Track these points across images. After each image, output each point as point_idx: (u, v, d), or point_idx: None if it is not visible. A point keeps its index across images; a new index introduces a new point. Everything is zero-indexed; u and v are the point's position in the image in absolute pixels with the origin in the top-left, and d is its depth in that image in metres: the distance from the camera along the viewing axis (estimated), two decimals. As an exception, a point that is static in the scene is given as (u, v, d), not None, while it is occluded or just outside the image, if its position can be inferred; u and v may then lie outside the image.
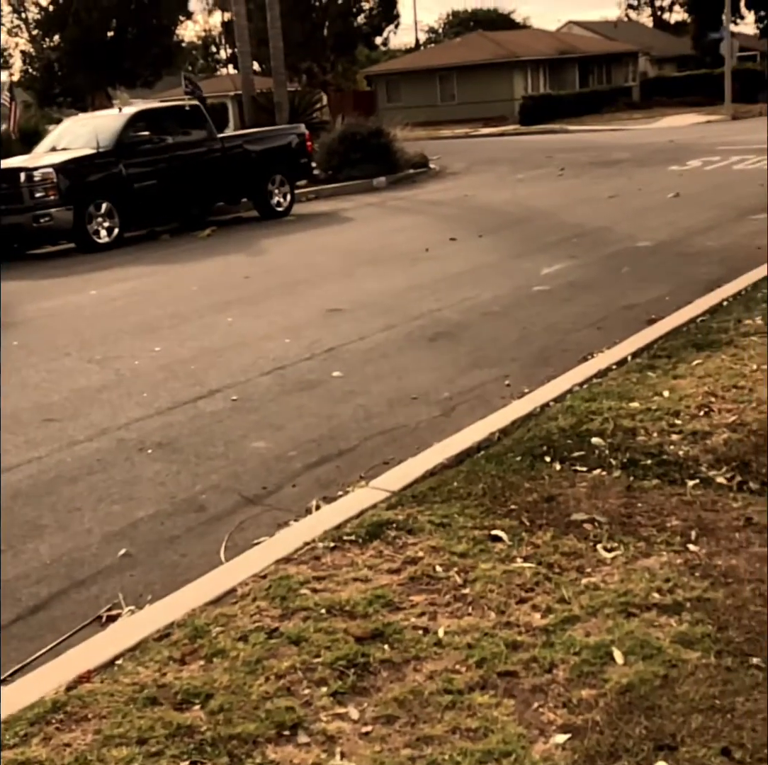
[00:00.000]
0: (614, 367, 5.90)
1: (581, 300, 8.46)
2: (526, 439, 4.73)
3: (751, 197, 14.17)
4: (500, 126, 40.73)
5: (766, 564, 3.31)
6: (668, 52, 59.46)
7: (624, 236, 11.58)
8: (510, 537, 3.67)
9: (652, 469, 4.25)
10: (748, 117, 37.26)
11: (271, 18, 23.55)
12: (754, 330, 6.29)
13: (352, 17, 39.11)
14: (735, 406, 4.81)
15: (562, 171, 20.41)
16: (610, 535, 3.64)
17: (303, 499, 4.57)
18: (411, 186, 20.62)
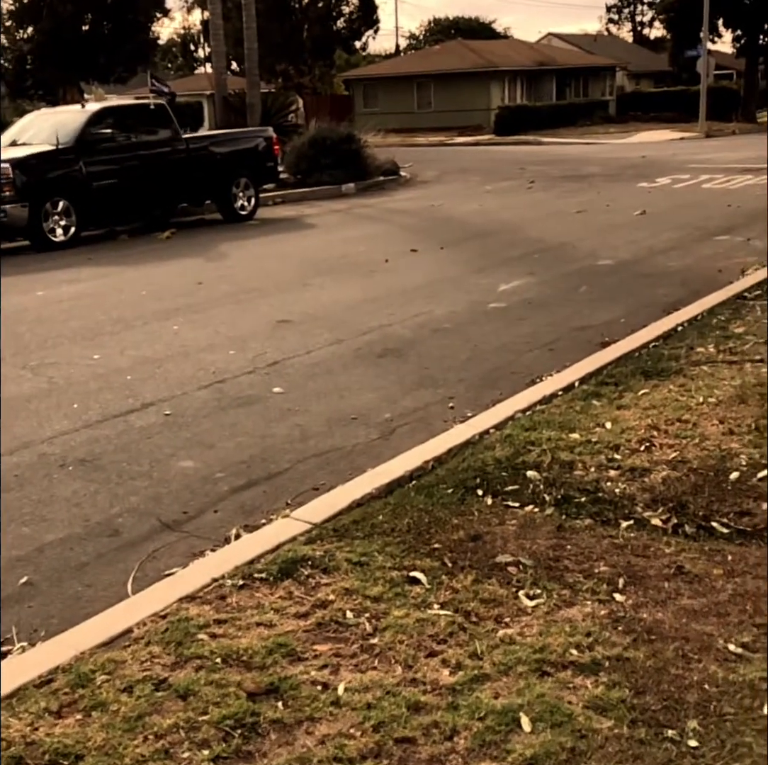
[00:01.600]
0: (560, 393, 5.72)
1: (536, 319, 8.30)
2: (460, 470, 4.54)
3: (717, 217, 14.12)
4: (476, 135, 40.69)
5: (692, 619, 3.13)
6: (646, 68, 59.77)
7: (586, 253, 11.45)
8: (429, 580, 3.47)
9: (586, 507, 4.07)
10: (722, 135, 37.50)
11: (246, 18, 23.29)
12: (705, 358, 6.14)
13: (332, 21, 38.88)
14: (677, 441, 4.64)
15: (531, 184, 20.31)
16: (535, 581, 3.44)
17: (224, 527, 4.35)
18: (380, 193, 20.44)
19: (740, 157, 24.91)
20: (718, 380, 5.55)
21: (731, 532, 3.80)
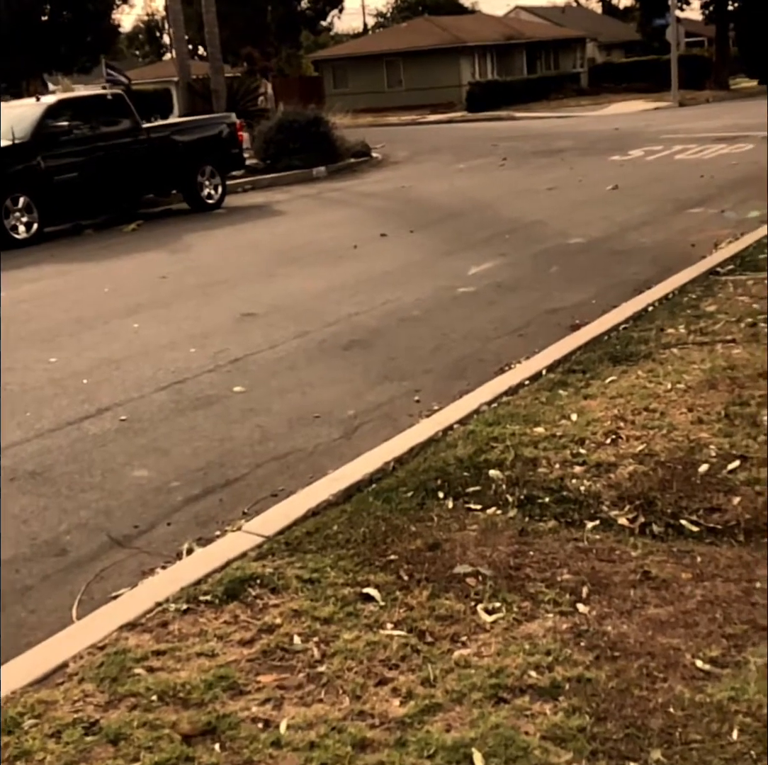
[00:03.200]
0: (527, 382, 5.54)
1: (506, 303, 8.12)
2: (421, 471, 4.36)
3: (690, 189, 13.94)
4: (448, 113, 40.35)
5: (658, 631, 2.97)
6: (616, 38, 59.45)
7: (557, 232, 11.26)
8: (383, 596, 3.29)
9: (550, 507, 3.90)
10: (695, 104, 37.29)
11: (206, 2, 22.88)
12: (675, 340, 5.97)
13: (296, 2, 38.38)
14: (644, 432, 4.47)
15: (504, 161, 20.08)
16: (494, 593, 3.27)
17: (176, 541, 4.17)
18: (351, 176, 20.16)
19: (714, 126, 24.72)
20: (688, 364, 5.38)
21: (701, 530, 3.63)
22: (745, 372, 5.11)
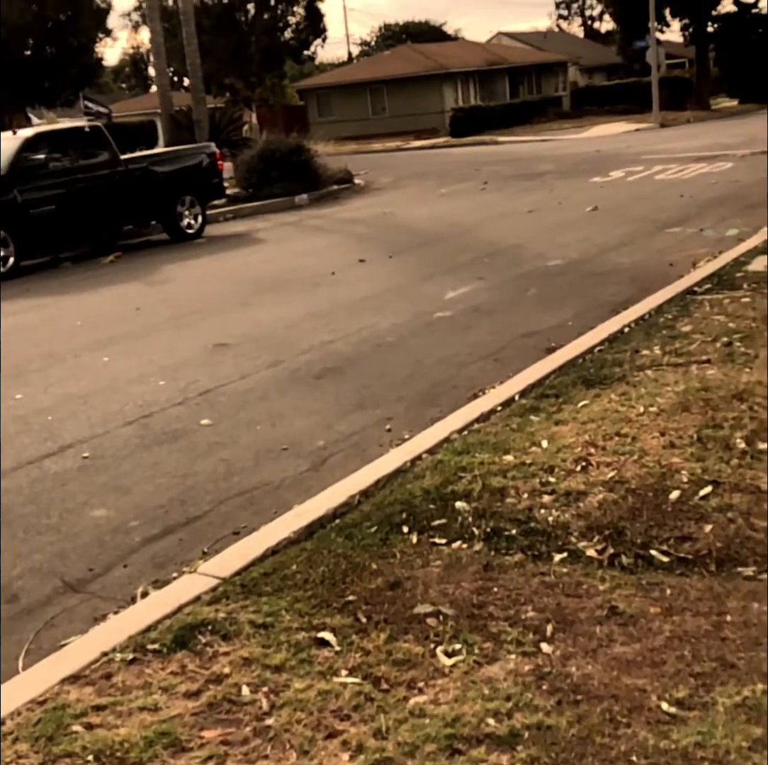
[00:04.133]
0: (499, 408, 5.42)
1: (482, 327, 8.01)
2: (386, 504, 4.22)
3: (670, 209, 13.90)
4: (431, 139, 40.42)
5: (623, 672, 2.83)
6: (598, 62, 59.76)
7: (536, 254, 11.18)
8: (339, 640, 3.14)
9: (517, 540, 3.76)
10: (676, 124, 37.42)
11: (187, 34, 22.92)
12: (649, 362, 5.85)
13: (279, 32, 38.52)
14: (615, 458, 4.34)
15: (485, 184, 20.05)
16: (455, 634, 3.13)
17: (132, 584, 4.01)
18: (333, 203, 20.11)
19: (695, 146, 24.77)
20: (661, 386, 5.25)
21: (671, 560, 3.50)
22: (719, 393, 4.99)
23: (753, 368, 5.43)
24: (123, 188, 14.44)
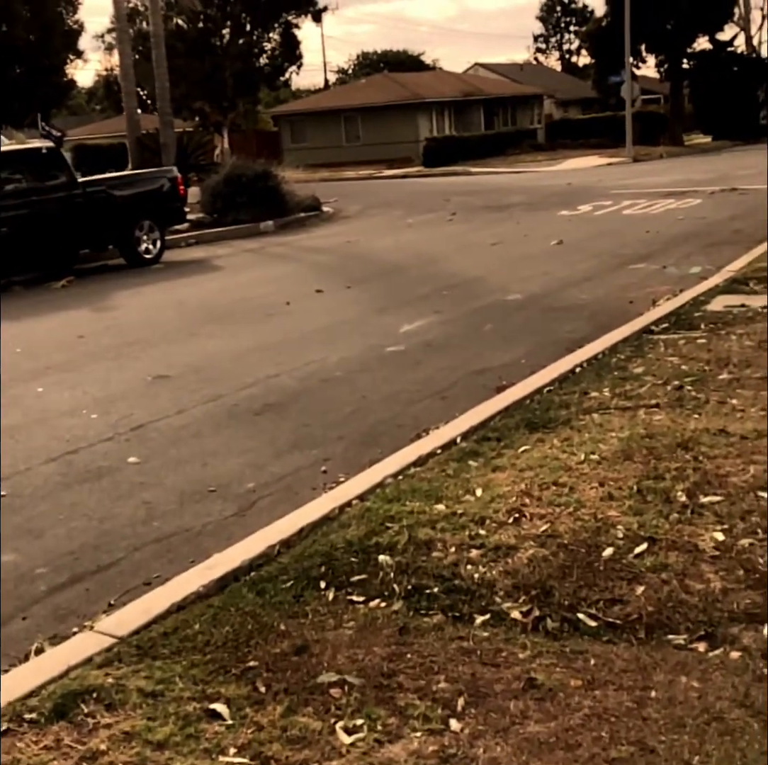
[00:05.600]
0: (438, 451, 5.19)
1: (433, 363, 7.79)
2: (306, 556, 3.97)
3: (635, 245, 13.80)
4: (404, 167, 40.45)
5: (534, 755, 2.58)
6: (574, 95, 60.26)
7: (496, 288, 11.01)
8: (233, 713, 2.88)
9: (439, 598, 3.51)
10: (649, 159, 37.67)
11: (156, 57, 22.79)
12: (597, 405, 5.65)
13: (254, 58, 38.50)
14: (550, 510, 4.12)
15: (453, 215, 19.95)
16: (359, 707, 2.87)
17: (28, 638, 3.72)
18: (299, 230, 19.93)
19: (665, 181, 24.85)
20: (606, 432, 5.05)
21: (599, 625, 3.27)
22: (664, 441, 4.78)
23: (701, 414, 5.24)
24: (80, 211, 14.17)
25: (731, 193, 20.45)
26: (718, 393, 5.63)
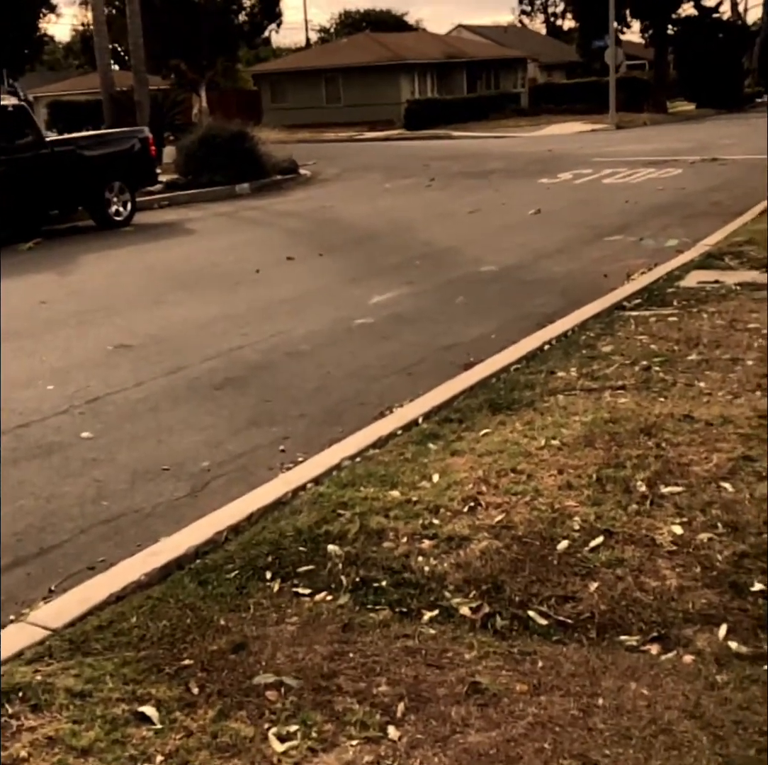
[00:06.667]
0: (399, 432, 5.05)
1: (402, 337, 7.65)
2: (254, 544, 3.84)
3: (612, 215, 13.65)
4: (386, 130, 40.02)
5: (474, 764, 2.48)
6: (558, 59, 59.71)
7: (470, 259, 10.84)
8: (162, 716, 2.75)
9: (387, 593, 3.39)
10: (632, 126, 37.38)
11: (130, 13, 22.29)
12: (563, 385, 5.53)
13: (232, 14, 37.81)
14: (506, 498, 4.00)
15: (431, 181, 19.70)
16: (294, 712, 2.76)
17: (-38, 628, 3.58)
18: (275, 193, 19.65)
19: (647, 150, 24.65)
20: (569, 415, 4.92)
21: (550, 624, 3.16)
22: (627, 426, 4.67)
23: (667, 398, 5.12)
24: (48, 171, 13.85)
25: (712, 163, 20.29)
26: (686, 375, 5.52)
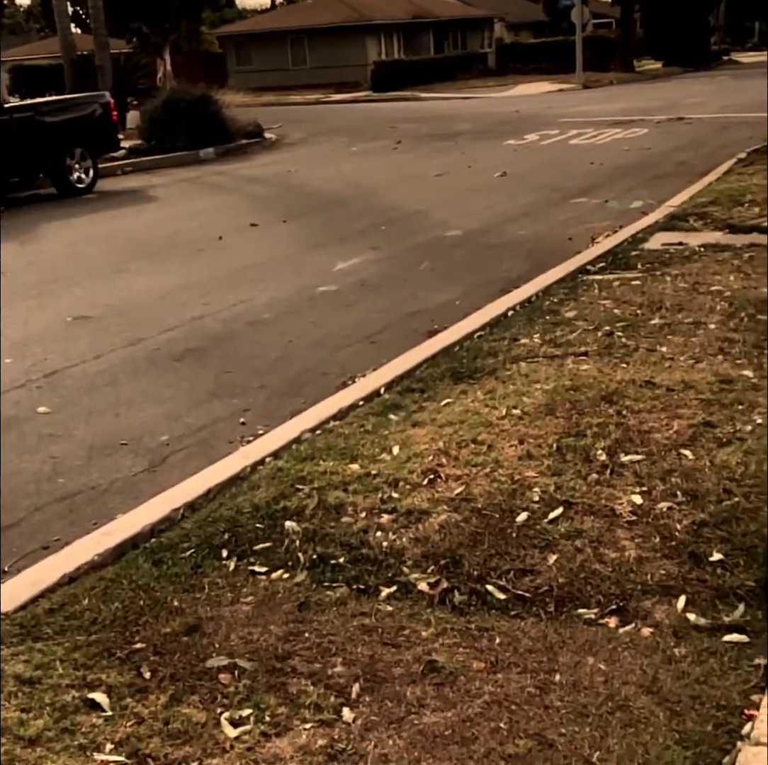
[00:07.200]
0: (360, 403, 4.99)
1: (366, 304, 7.57)
2: (210, 521, 3.77)
3: (578, 177, 13.58)
4: (353, 92, 39.57)
5: (428, 750, 2.44)
6: (525, 18, 59.14)
7: (436, 223, 10.74)
8: (113, 702, 2.70)
9: (345, 569, 3.35)
10: (599, 86, 37.15)
11: (89, -27, 21.80)
12: (525, 353, 5.48)
13: (195, -26, 37.01)
14: (466, 470, 3.95)
15: (398, 144, 19.50)
16: (248, 695, 2.71)
17: None
18: (240, 158, 19.38)
19: (613, 109, 24.51)
20: (531, 383, 4.88)
21: (508, 598, 3.13)
22: (589, 394, 4.63)
23: (629, 364, 5.09)
24: (7, 138, 13.55)
25: (677, 122, 20.22)
26: (649, 340, 5.48)
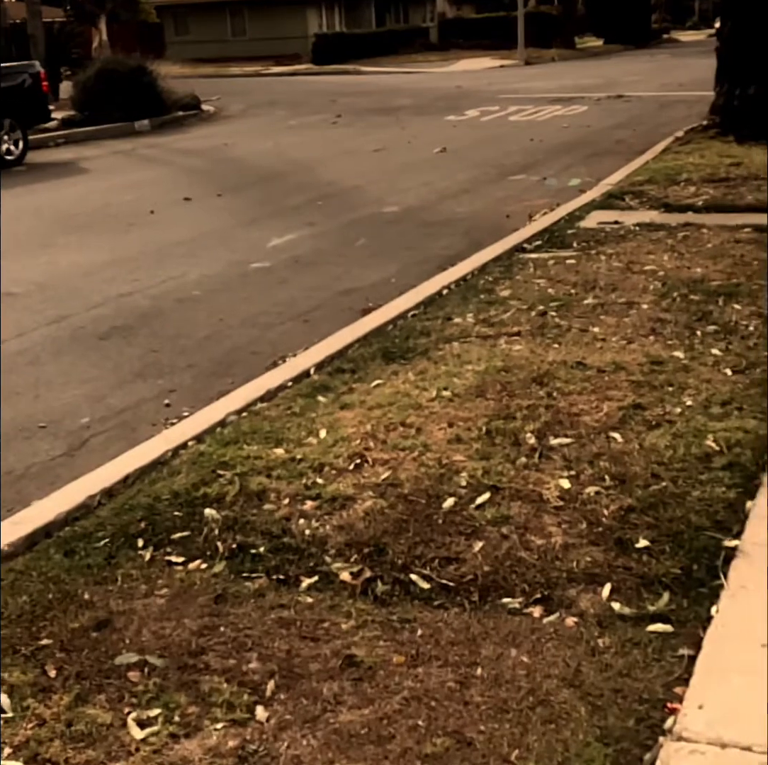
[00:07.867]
0: (289, 384, 4.87)
1: (299, 281, 7.42)
2: (127, 508, 3.63)
3: (517, 154, 13.53)
4: (293, 65, 39.02)
5: (342, 752, 2.35)
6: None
7: (373, 199, 10.61)
8: (15, 704, 2.57)
9: (265, 559, 3.24)
10: (541, 62, 37.15)
11: (19, -63, 21.13)
12: (458, 332, 5.39)
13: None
14: (394, 454, 3.86)
15: (337, 118, 19.28)
16: (157, 694, 2.59)
17: None
18: (176, 130, 19.02)
19: (554, 86, 24.53)
20: (463, 364, 4.80)
21: (432, 587, 3.04)
22: (520, 375, 4.56)
23: (561, 344, 5.03)
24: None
25: (617, 100, 20.28)
26: (581, 320, 5.43)
